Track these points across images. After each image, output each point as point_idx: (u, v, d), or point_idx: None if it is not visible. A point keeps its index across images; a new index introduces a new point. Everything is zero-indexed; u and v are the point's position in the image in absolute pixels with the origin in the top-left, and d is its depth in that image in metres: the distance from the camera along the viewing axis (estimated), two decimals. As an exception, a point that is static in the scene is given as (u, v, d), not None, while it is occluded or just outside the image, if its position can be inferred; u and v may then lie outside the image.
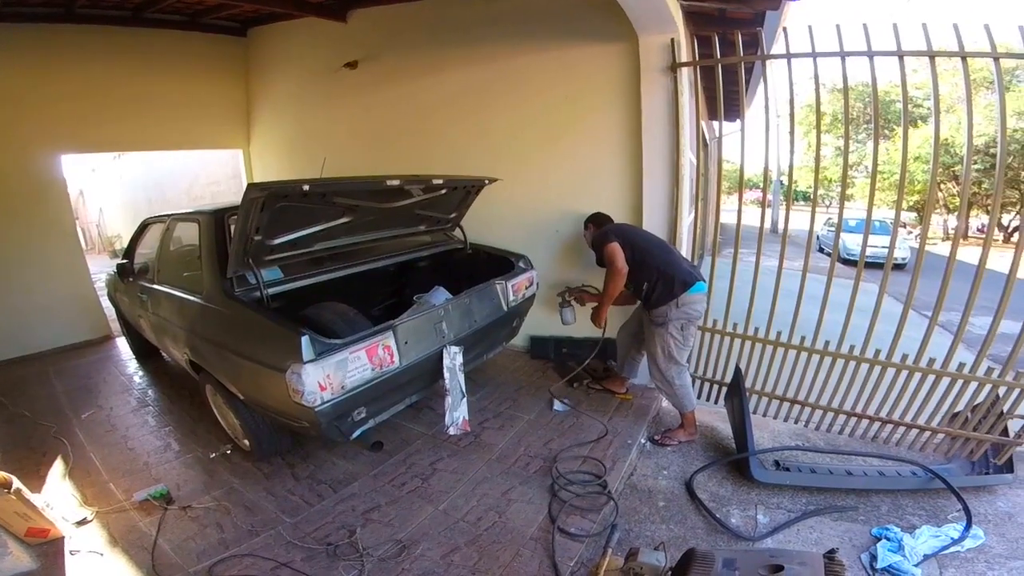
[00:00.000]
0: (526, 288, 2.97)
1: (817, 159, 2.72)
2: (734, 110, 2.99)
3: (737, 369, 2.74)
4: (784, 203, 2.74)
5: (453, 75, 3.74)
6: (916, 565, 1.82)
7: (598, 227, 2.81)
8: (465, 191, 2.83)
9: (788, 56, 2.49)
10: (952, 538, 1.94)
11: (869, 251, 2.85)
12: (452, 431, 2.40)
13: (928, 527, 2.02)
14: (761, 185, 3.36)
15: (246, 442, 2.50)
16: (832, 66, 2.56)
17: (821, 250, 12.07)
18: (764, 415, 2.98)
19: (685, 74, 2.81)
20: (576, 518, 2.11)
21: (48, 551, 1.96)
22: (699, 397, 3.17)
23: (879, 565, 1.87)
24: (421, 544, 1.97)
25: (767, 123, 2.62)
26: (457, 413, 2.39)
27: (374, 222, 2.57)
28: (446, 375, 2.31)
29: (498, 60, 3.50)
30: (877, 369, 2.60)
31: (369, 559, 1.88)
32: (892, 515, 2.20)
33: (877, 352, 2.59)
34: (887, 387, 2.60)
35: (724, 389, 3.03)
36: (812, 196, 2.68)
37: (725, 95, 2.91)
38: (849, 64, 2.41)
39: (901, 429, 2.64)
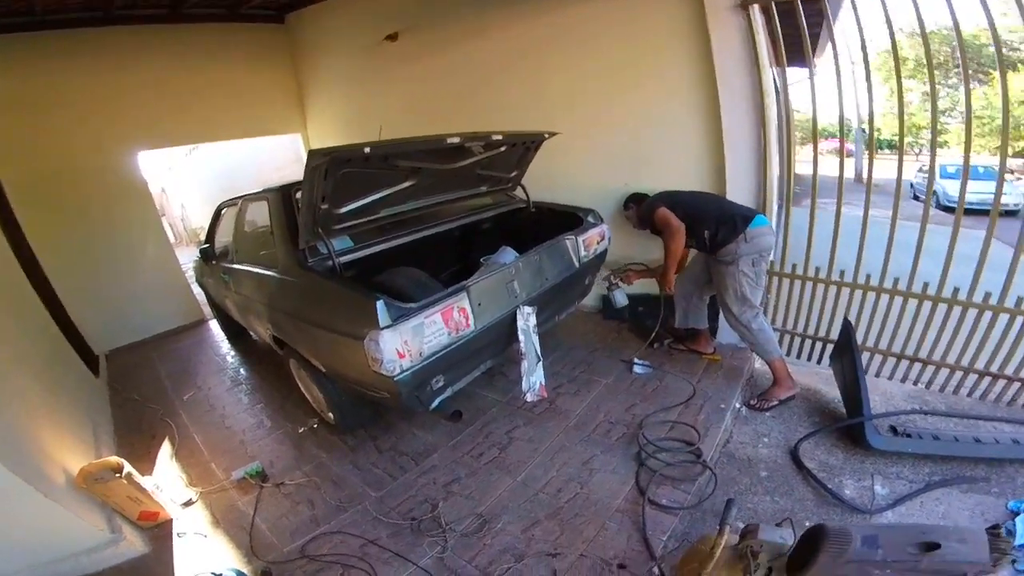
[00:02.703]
0: (598, 243, 2.80)
1: (900, 100, 2.31)
2: (799, 56, 2.58)
3: (846, 322, 2.41)
4: (867, 151, 2.36)
5: (500, 35, 3.51)
6: None
7: (640, 204, 2.81)
8: (524, 147, 2.68)
9: None
10: None
11: (974, 197, 2.55)
12: (529, 397, 2.31)
13: None
14: (836, 134, 2.93)
15: (331, 415, 2.57)
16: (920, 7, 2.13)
17: (916, 198, 10.81)
18: (876, 375, 2.64)
19: (757, 11, 2.46)
20: (667, 489, 1.98)
21: (158, 534, 2.09)
22: (799, 356, 2.88)
23: (1017, 542, 1.64)
24: (501, 518, 1.94)
25: (837, 67, 2.31)
26: (534, 378, 2.29)
27: (436, 185, 2.51)
28: (521, 337, 2.21)
29: (548, 14, 3.22)
30: (1019, 321, 2.19)
31: (452, 534, 1.88)
32: None
33: (1020, 301, 2.17)
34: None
35: (829, 347, 2.70)
36: (898, 141, 2.40)
37: (791, 40, 2.51)
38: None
39: None
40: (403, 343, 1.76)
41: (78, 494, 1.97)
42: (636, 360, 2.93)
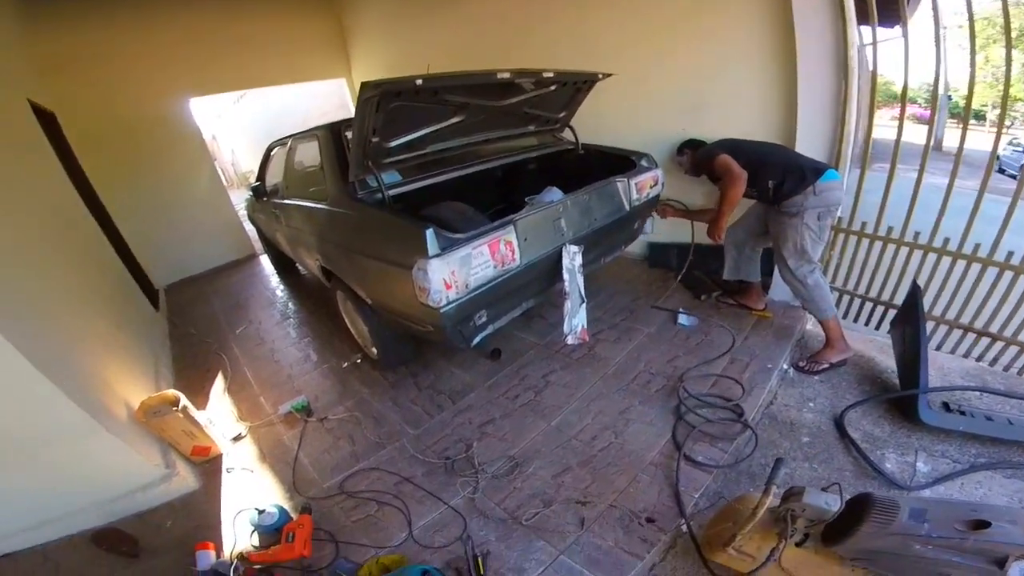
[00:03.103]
0: (651, 187, 2.69)
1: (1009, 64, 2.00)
2: (888, 14, 2.26)
3: (915, 286, 2.24)
4: (954, 120, 2.09)
5: None
6: None
7: (695, 150, 2.72)
8: (576, 87, 2.57)
9: None
10: None
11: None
12: (570, 340, 2.30)
13: None
14: (920, 101, 2.60)
15: (374, 350, 2.66)
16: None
17: (1002, 171, 9.93)
18: (937, 348, 2.47)
19: None
20: (704, 446, 1.95)
21: (208, 469, 2.17)
22: (856, 320, 2.72)
23: None
24: (533, 462, 1.96)
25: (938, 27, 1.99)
26: (576, 320, 2.27)
27: (484, 122, 2.46)
28: (565, 276, 2.18)
29: None
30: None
31: (484, 476, 1.91)
32: None
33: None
34: None
35: (891, 313, 2.54)
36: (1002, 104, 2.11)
37: None
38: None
39: None
40: (450, 273, 1.77)
41: (137, 429, 2.05)
42: (681, 310, 2.85)
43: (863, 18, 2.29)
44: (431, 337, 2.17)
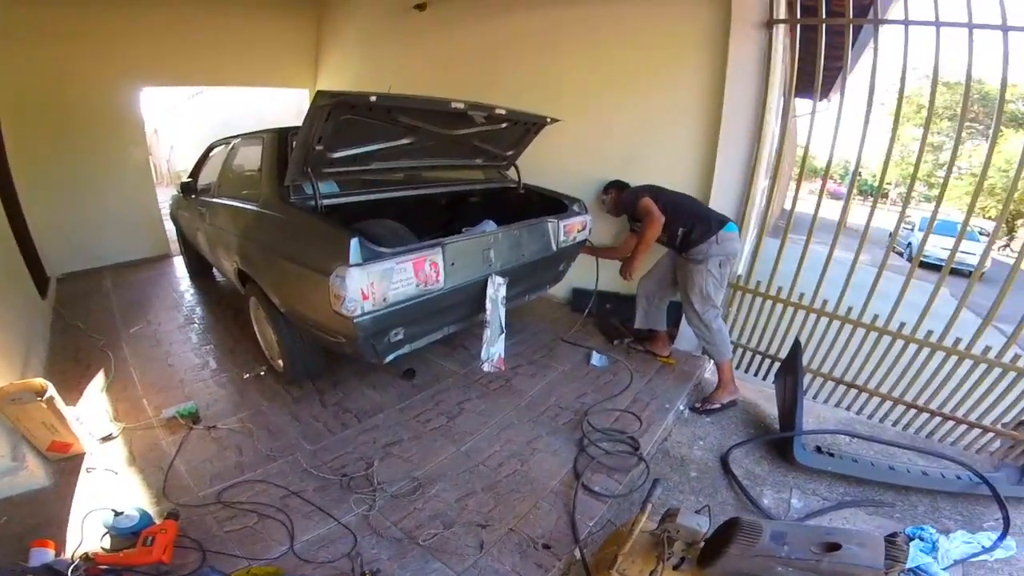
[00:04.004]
0: (578, 232, 2.87)
1: (921, 149, 2.41)
2: (810, 89, 2.69)
3: (797, 342, 2.54)
4: (859, 196, 2.51)
5: (522, 15, 3.57)
6: (944, 569, 1.72)
7: (620, 191, 2.93)
8: (525, 128, 2.74)
9: (906, 23, 2.19)
10: (983, 546, 1.82)
11: (940, 252, 2.66)
12: (487, 367, 2.35)
13: (963, 532, 1.88)
14: (832, 175, 3.08)
15: (280, 362, 2.54)
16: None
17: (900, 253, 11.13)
18: (814, 397, 2.78)
19: (781, 33, 2.57)
20: (602, 476, 2.03)
21: (65, 468, 1.97)
22: (747, 371, 3.00)
23: (908, 564, 1.72)
24: (437, 484, 1.93)
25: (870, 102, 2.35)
26: (494, 349, 2.33)
27: (433, 148, 2.53)
28: (488, 306, 2.25)
29: (577, 5, 3.29)
30: (952, 360, 2.37)
31: (382, 494, 1.85)
32: (928, 516, 2.05)
33: (957, 341, 2.35)
34: (957, 381, 2.38)
35: (775, 365, 2.84)
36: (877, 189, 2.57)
37: (808, 70, 2.61)
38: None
39: (961, 428, 2.42)
40: (369, 284, 1.77)
41: None
42: (595, 351, 3.01)
43: (806, 90, 2.62)
44: (343, 349, 2.12)
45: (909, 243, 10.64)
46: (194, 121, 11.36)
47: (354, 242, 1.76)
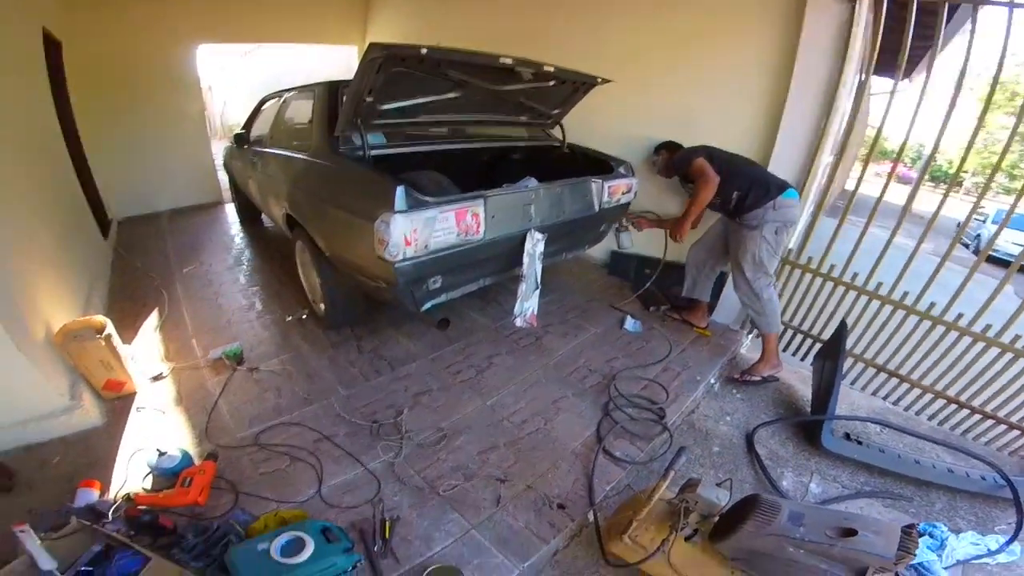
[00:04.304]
0: (623, 193, 2.80)
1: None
2: (891, 68, 2.45)
3: (843, 324, 2.44)
4: (932, 183, 2.31)
5: None
6: (946, 568, 1.69)
7: (672, 152, 2.80)
8: (573, 87, 2.67)
9: (1011, 5, 1.97)
10: (989, 549, 1.78)
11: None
12: (519, 322, 2.37)
13: (973, 533, 1.84)
14: (903, 159, 2.85)
15: (322, 306, 2.64)
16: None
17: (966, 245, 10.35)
18: (851, 384, 2.68)
19: (864, 6, 2.34)
20: (624, 442, 2.04)
21: (117, 407, 2.03)
22: (786, 349, 2.91)
23: (915, 560, 1.69)
24: (462, 436, 1.97)
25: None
26: (527, 304, 2.35)
27: (479, 103, 2.51)
28: (525, 260, 2.26)
29: None
30: (1006, 357, 2.24)
31: (408, 443, 1.90)
32: (944, 514, 1.99)
33: (1016, 339, 2.20)
34: (1008, 379, 2.25)
35: (817, 346, 2.74)
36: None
37: (890, 48, 2.38)
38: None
39: (1000, 428, 2.32)
40: (412, 231, 1.81)
41: (50, 353, 1.89)
42: (630, 316, 2.98)
43: (885, 68, 2.42)
44: (383, 295, 2.19)
45: (978, 235, 9.86)
46: (246, 78, 11.66)
47: (400, 190, 1.80)
